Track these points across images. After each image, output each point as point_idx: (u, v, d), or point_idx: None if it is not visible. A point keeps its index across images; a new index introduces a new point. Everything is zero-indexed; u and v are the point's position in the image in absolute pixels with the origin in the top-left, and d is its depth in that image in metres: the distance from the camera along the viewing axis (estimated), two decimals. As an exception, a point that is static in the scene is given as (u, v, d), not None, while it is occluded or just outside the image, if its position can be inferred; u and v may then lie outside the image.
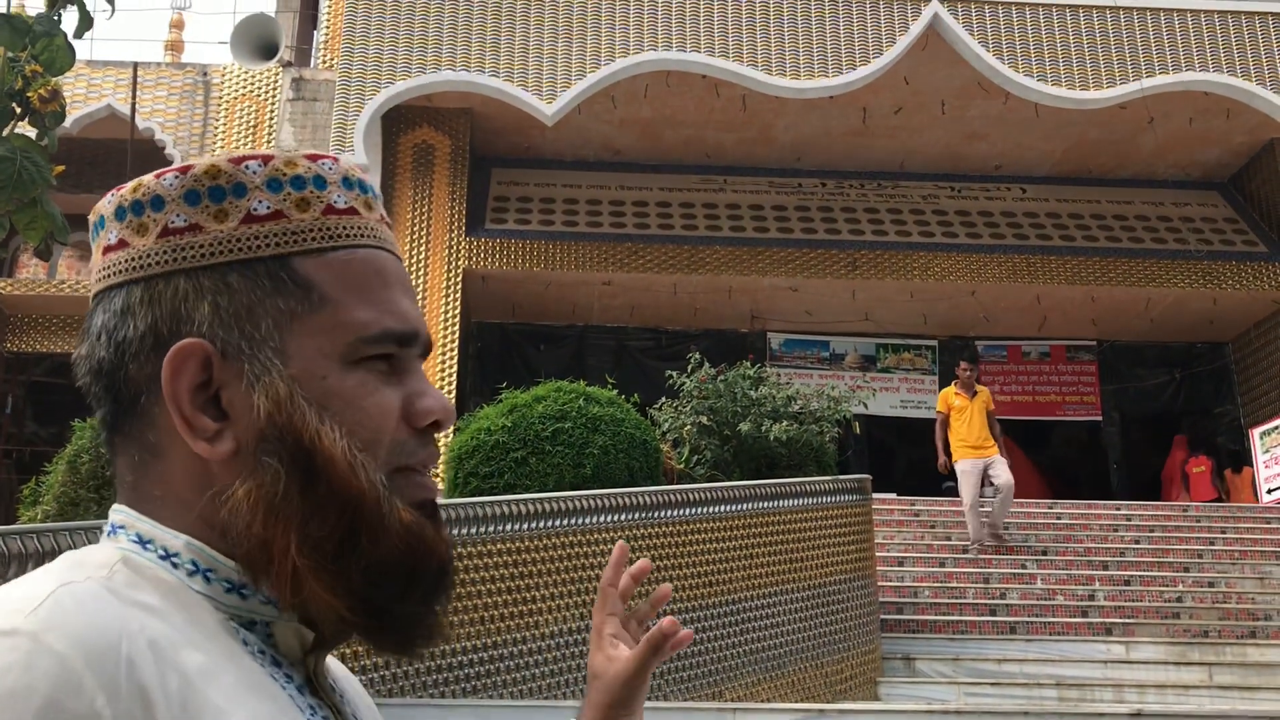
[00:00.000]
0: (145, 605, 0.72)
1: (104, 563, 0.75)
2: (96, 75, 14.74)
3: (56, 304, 15.09)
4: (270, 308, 0.80)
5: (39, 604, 0.67)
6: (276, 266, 0.81)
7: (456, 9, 13.48)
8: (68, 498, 4.95)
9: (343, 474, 0.77)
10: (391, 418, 0.81)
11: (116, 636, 0.67)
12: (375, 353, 0.82)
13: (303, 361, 0.80)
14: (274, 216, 0.81)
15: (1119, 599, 9.70)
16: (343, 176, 0.86)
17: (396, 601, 0.79)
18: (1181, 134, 15.26)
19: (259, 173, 0.82)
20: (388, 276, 0.85)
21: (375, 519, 0.78)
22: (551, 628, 5.97)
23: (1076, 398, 16.57)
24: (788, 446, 8.31)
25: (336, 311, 0.81)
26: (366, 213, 0.86)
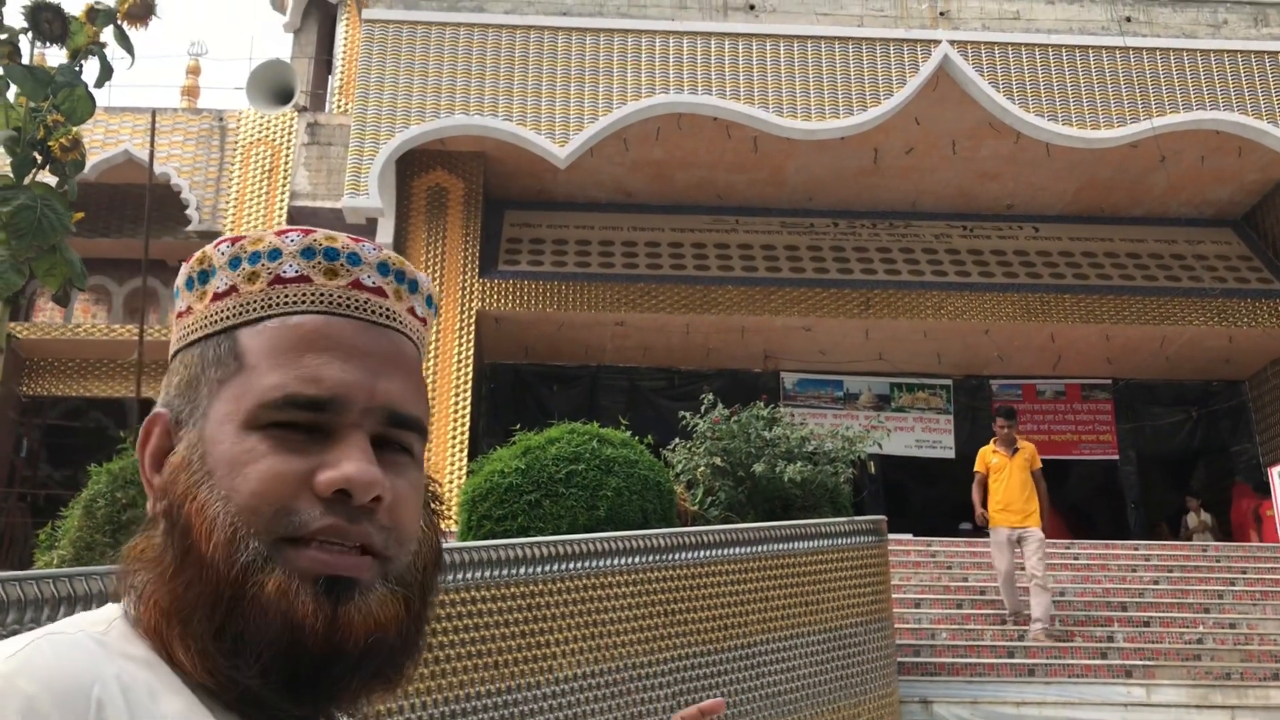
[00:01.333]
0: (133, 657, 0.75)
1: (103, 619, 0.79)
2: (114, 121, 14.92)
3: (72, 348, 15.19)
4: (208, 378, 0.84)
5: (17, 651, 0.71)
6: (223, 339, 0.85)
7: (470, 54, 13.63)
8: (84, 542, 4.96)
9: (196, 536, 0.78)
10: (280, 483, 0.78)
11: (89, 680, 0.70)
12: (280, 419, 0.80)
13: (212, 426, 0.82)
14: (229, 292, 0.86)
15: (1139, 640, 9.59)
16: (304, 247, 0.86)
17: (248, 676, 0.76)
18: (1193, 172, 15.27)
19: (226, 253, 0.87)
20: (320, 341, 0.83)
21: (226, 586, 0.76)
22: (566, 672, 5.93)
23: (1092, 437, 16.47)
24: (802, 487, 8.27)
25: (249, 377, 0.82)
26: (325, 279, 0.85)
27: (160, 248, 14.90)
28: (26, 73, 4.64)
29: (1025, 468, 9.62)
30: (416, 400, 0.86)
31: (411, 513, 0.84)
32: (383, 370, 0.84)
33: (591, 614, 6.14)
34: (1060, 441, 16.40)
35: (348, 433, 0.81)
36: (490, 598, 5.77)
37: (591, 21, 13.83)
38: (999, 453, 9.81)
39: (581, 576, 6.18)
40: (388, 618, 0.79)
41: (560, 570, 6.11)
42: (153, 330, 14.73)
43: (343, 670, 0.77)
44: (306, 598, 0.76)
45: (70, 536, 5.10)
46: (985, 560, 11.48)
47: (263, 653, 0.75)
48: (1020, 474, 9.59)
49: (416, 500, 0.85)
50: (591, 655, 6.05)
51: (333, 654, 0.76)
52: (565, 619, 6.03)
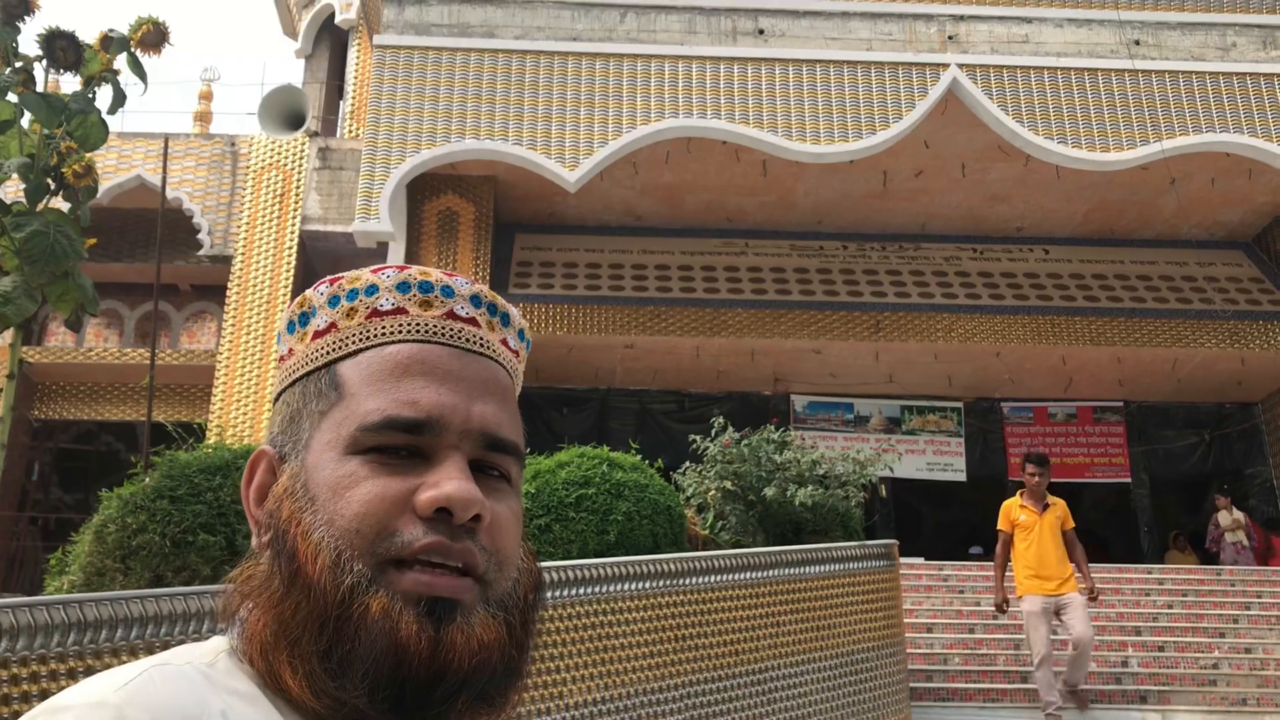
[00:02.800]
0: (238, 691, 0.76)
1: (210, 650, 0.81)
2: (126, 146, 15.02)
3: (84, 372, 15.24)
4: (310, 411, 0.86)
5: (129, 681, 0.72)
6: (324, 374, 0.87)
7: (480, 79, 13.70)
8: (94, 568, 4.96)
9: (301, 559, 0.79)
10: (381, 505, 0.80)
11: (196, 712, 0.72)
12: (380, 443, 0.82)
13: (314, 454, 0.84)
14: (328, 330, 0.89)
15: (1153, 665, 9.51)
16: (399, 282, 0.89)
17: (356, 697, 0.76)
18: (1204, 194, 15.25)
19: (325, 293, 0.90)
20: (415, 367, 0.85)
21: (333, 608, 0.77)
22: (576, 698, 5.89)
23: (1104, 459, 16.40)
24: (813, 511, 8.24)
25: (349, 404, 0.84)
26: (420, 310, 0.88)
27: (172, 272, 14.97)
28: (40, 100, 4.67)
29: (1057, 528, 8.32)
30: (512, 426, 0.88)
31: (511, 538, 0.85)
32: (477, 394, 0.86)
33: (602, 639, 6.11)
34: (1072, 464, 16.33)
35: (446, 454, 0.83)
36: (500, 623, 5.73)
37: (601, 46, 13.90)
38: (1028, 508, 8.43)
39: (592, 601, 6.15)
40: (490, 640, 0.79)
41: (570, 595, 6.08)
42: (164, 354, 14.77)
43: (447, 692, 0.78)
44: (410, 619, 0.77)
45: (81, 562, 5.10)
46: (998, 584, 11.40)
47: (369, 673, 0.76)
48: (1052, 533, 8.29)
49: (516, 526, 0.86)
50: (602, 681, 6.01)
51: (437, 675, 0.77)
52: (575, 645, 6.00)
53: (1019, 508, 8.48)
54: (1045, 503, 8.42)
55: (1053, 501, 8.47)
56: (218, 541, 5.06)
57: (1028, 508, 8.43)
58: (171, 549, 4.93)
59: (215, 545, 5.04)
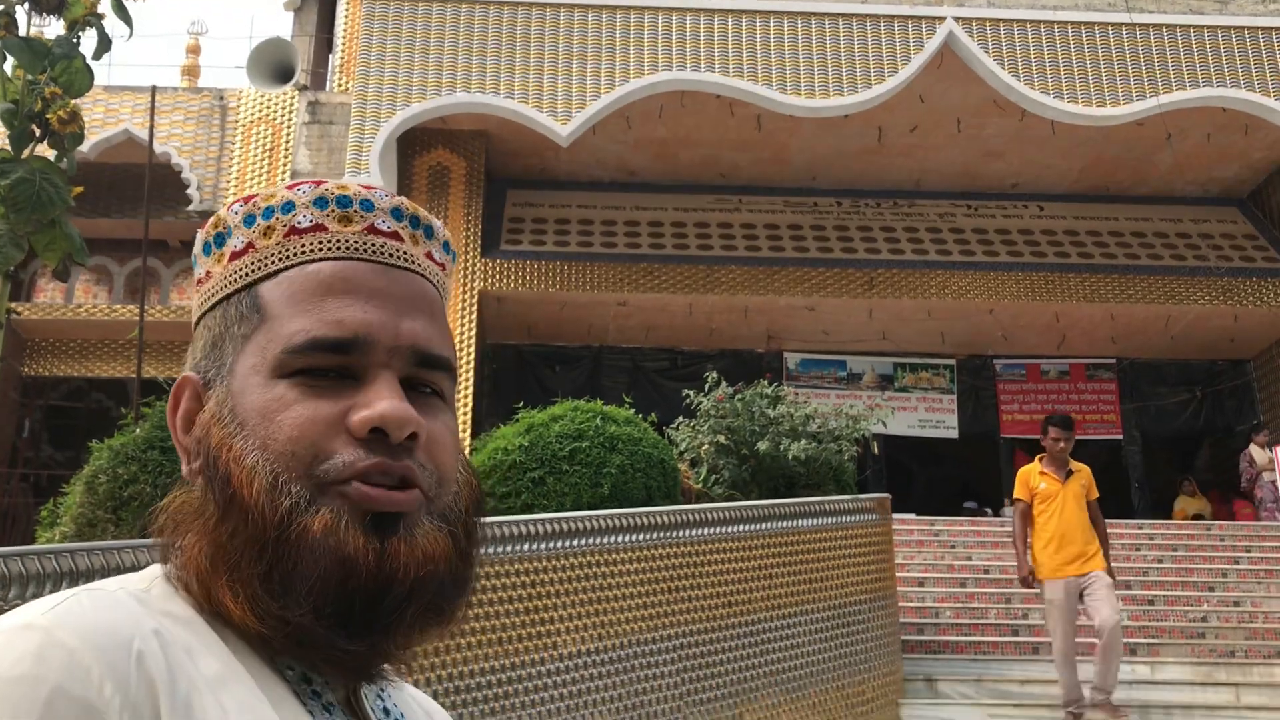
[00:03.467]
0: (173, 614, 0.76)
1: (145, 577, 0.81)
2: (114, 100, 14.85)
3: (73, 328, 15.16)
4: (233, 335, 0.85)
5: (55, 605, 0.71)
6: (243, 296, 0.85)
7: (471, 32, 13.54)
8: (85, 519, 4.94)
9: (235, 484, 0.78)
10: (314, 428, 0.79)
11: (129, 633, 0.70)
12: (307, 365, 0.81)
13: (239, 379, 0.82)
14: (246, 250, 0.86)
15: (1143, 619, 9.58)
16: (316, 197, 0.86)
17: (301, 615, 0.75)
18: (1200, 150, 15.19)
19: (239, 212, 0.88)
20: (339, 285, 0.83)
21: (271, 530, 0.76)
22: (570, 649, 5.91)
23: (1096, 416, 16.45)
24: (806, 465, 8.25)
25: (273, 327, 0.83)
26: (339, 226, 0.85)
27: (161, 227, 14.86)
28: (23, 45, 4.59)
29: (1082, 496, 7.36)
30: (443, 341, 0.86)
31: (449, 454, 0.84)
32: (405, 310, 0.84)
33: (595, 591, 6.13)
34: (1064, 421, 16.37)
35: (376, 373, 0.81)
36: (494, 574, 5.75)
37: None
38: (1048, 475, 7.45)
39: (585, 553, 6.16)
40: (436, 552, 0.79)
41: (564, 547, 6.09)
42: (154, 310, 14.70)
43: (394, 603, 0.77)
44: (355, 533, 0.76)
45: (72, 513, 5.09)
46: (989, 539, 11.48)
47: (313, 590, 0.75)
48: (1076, 504, 7.32)
49: (453, 442, 0.85)
50: (595, 632, 6.03)
51: (384, 588, 0.77)
52: (569, 596, 6.02)
53: (1038, 474, 7.47)
54: (1068, 469, 7.41)
55: (1076, 468, 7.46)
56: (209, 493, 5.04)
57: (1049, 475, 7.41)
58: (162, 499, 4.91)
59: (207, 496, 5.02)
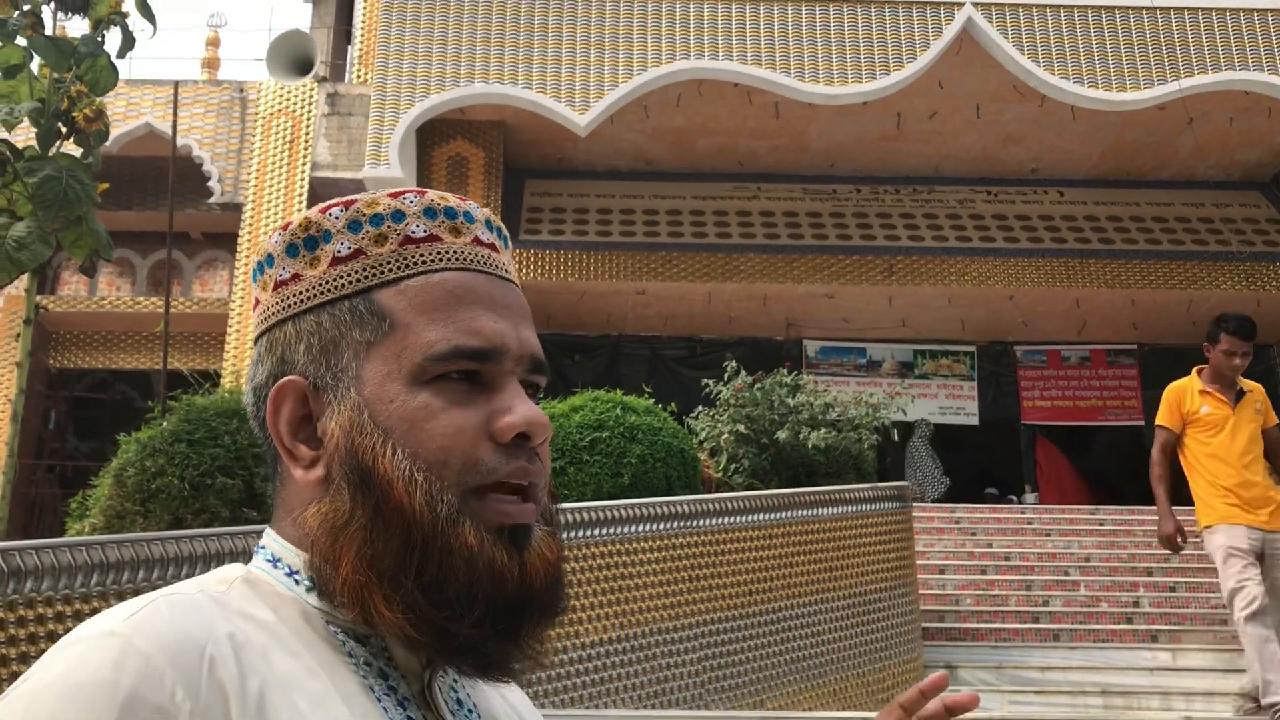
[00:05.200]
0: (251, 616, 0.79)
1: (225, 578, 0.83)
2: (135, 94, 14.94)
3: (98, 320, 15.30)
4: (351, 340, 0.85)
5: (136, 611, 0.74)
6: (358, 301, 0.85)
7: (489, 22, 13.56)
8: (114, 511, 5.01)
9: (397, 495, 0.80)
10: (464, 436, 0.82)
11: (203, 638, 0.73)
12: (447, 371, 0.83)
13: (373, 387, 0.83)
14: (355, 255, 0.86)
15: (1164, 605, 9.56)
16: (424, 208, 0.88)
17: (463, 625, 0.79)
18: (1221, 134, 15.07)
19: (340, 217, 0.87)
20: (468, 295, 0.86)
21: (432, 540, 0.79)
22: (592, 637, 5.96)
23: (1118, 402, 16.38)
24: (826, 454, 8.26)
25: (406, 335, 0.84)
26: (452, 238, 0.88)
27: (183, 220, 14.97)
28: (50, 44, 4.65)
29: (1258, 424, 5.51)
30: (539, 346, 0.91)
31: (548, 455, 0.89)
32: (520, 320, 0.88)
33: (617, 580, 6.17)
34: (1085, 407, 16.32)
35: (507, 380, 0.85)
36: (516, 564, 5.79)
37: (611, -12, 13.72)
38: (1212, 396, 5.58)
39: (606, 543, 6.20)
40: (554, 557, 0.85)
41: (585, 537, 6.13)
42: (177, 302, 14.81)
43: (534, 610, 0.82)
44: (500, 547, 0.81)
45: (101, 505, 5.16)
46: (1009, 526, 11.47)
47: (469, 600, 0.79)
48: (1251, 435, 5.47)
49: None
50: (617, 621, 6.08)
51: (527, 598, 0.82)
52: (590, 585, 6.06)
53: (1198, 394, 5.61)
54: (1239, 390, 5.57)
55: (1249, 387, 5.63)
56: (236, 485, 5.11)
57: (1212, 395, 5.56)
58: (190, 492, 4.97)
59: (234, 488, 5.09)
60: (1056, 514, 12.17)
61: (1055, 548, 10.82)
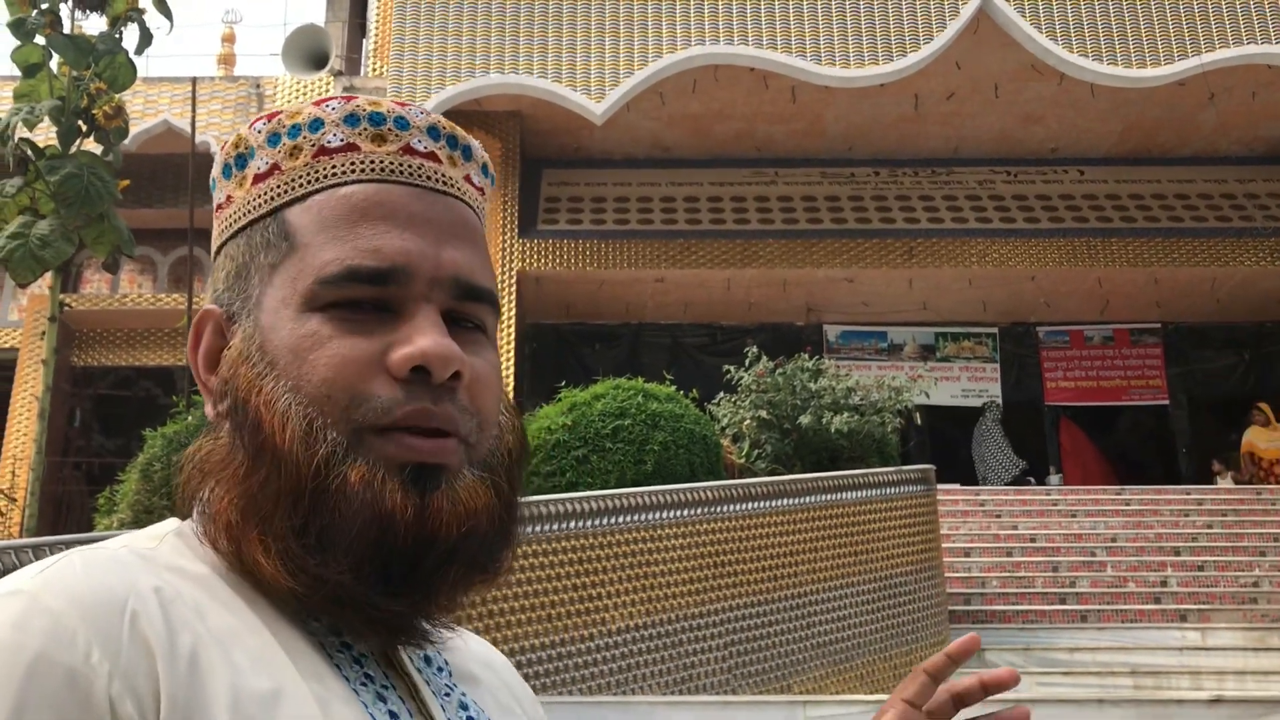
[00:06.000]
0: (183, 570, 0.71)
1: (156, 534, 0.76)
2: (153, 91, 15.00)
3: (121, 318, 15.39)
4: (259, 264, 0.78)
5: (46, 568, 0.68)
6: (270, 222, 0.78)
7: (503, 12, 13.54)
8: (142, 506, 5.04)
9: (269, 432, 0.72)
10: (350, 368, 0.73)
11: (123, 594, 0.66)
12: (342, 297, 0.74)
13: (268, 314, 0.76)
14: (270, 172, 0.79)
15: (1193, 585, 9.51)
16: (347, 114, 0.79)
17: (338, 572, 0.70)
18: (1244, 109, 14.90)
19: (263, 130, 0.80)
20: (374, 210, 0.76)
21: (308, 480, 0.71)
22: (618, 624, 5.97)
23: (1142, 382, 16.27)
24: (849, 438, 8.25)
25: (304, 256, 0.76)
26: (373, 146, 0.79)
27: (203, 216, 15.02)
28: (68, 42, 4.66)
29: None
30: (485, 271, 0.80)
31: (492, 393, 0.78)
32: (446, 238, 0.78)
33: (642, 566, 6.18)
34: (1109, 387, 16.22)
35: (416, 307, 0.75)
36: (541, 552, 5.81)
37: (624, -25, 13.68)
38: None
39: (631, 530, 6.21)
40: (479, 505, 0.74)
41: (609, 524, 6.14)
42: (199, 298, 14.90)
43: (436, 561, 0.72)
44: (394, 487, 0.71)
45: (128, 500, 5.19)
46: (1035, 507, 11.43)
47: (351, 547, 0.70)
48: None
49: (496, 380, 0.79)
50: (643, 607, 6.09)
51: (425, 545, 0.72)
52: (616, 572, 6.07)
53: None
54: None
55: None
56: (261, 478, 5.13)
57: None
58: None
59: (259, 481, 5.11)
60: (1082, 494, 12.11)
61: (1081, 528, 10.77)
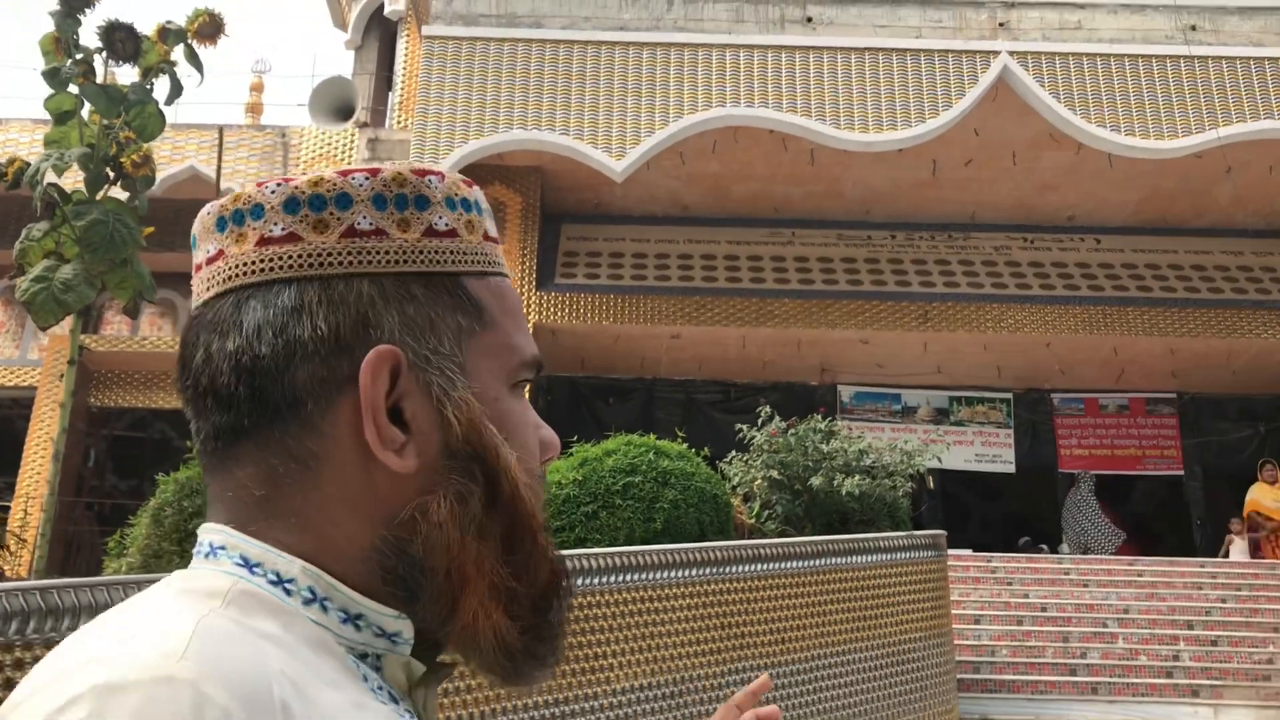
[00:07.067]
0: (270, 637, 0.67)
1: (216, 590, 0.70)
2: (180, 137, 15.23)
3: (139, 360, 15.50)
4: (451, 323, 0.79)
5: (187, 645, 0.62)
6: (453, 284, 0.80)
7: (528, 70, 13.75)
8: (151, 550, 5.06)
9: (524, 499, 0.77)
10: (536, 445, 0.83)
11: (268, 681, 0.63)
12: (524, 379, 0.83)
13: (480, 381, 0.79)
14: (450, 234, 0.80)
15: (1205, 659, 9.39)
16: (489, 207, 0.87)
17: (548, 626, 0.79)
18: (1261, 182, 14.96)
19: (439, 188, 0.81)
20: (521, 310, 0.86)
21: (542, 544, 0.79)
22: (623, 684, 5.93)
23: (1157, 451, 16.18)
24: (860, 501, 8.21)
25: (500, 334, 0.81)
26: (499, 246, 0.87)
27: (224, 262, 15.17)
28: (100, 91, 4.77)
29: None
30: None
31: None
32: None
33: (648, 626, 6.14)
34: (1123, 456, 16.13)
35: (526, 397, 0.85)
36: (548, 609, 5.78)
37: (648, 36, 13.89)
38: None
39: (638, 588, 6.18)
40: None
41: (617, 582, 6.11)
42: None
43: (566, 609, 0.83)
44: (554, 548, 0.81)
45: (139, 544, 5.21)
46: (1046, 576, 11.33)
47: (551, 602, 0.80)
48: None
49: None
50: (648, 667, 6.04)
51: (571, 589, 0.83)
52: (622, 630, 6.04)
53: None
54: None
55: None
56: (271, 525, 5.14)
57: None
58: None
59: (269, 529, 5.12)
60: (1094, 564, 12.01)
61: (1093, 599, 10.66)
